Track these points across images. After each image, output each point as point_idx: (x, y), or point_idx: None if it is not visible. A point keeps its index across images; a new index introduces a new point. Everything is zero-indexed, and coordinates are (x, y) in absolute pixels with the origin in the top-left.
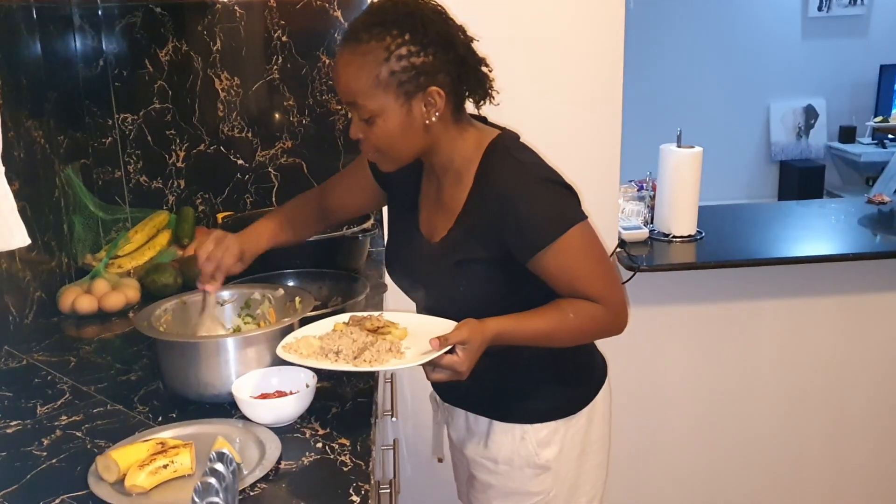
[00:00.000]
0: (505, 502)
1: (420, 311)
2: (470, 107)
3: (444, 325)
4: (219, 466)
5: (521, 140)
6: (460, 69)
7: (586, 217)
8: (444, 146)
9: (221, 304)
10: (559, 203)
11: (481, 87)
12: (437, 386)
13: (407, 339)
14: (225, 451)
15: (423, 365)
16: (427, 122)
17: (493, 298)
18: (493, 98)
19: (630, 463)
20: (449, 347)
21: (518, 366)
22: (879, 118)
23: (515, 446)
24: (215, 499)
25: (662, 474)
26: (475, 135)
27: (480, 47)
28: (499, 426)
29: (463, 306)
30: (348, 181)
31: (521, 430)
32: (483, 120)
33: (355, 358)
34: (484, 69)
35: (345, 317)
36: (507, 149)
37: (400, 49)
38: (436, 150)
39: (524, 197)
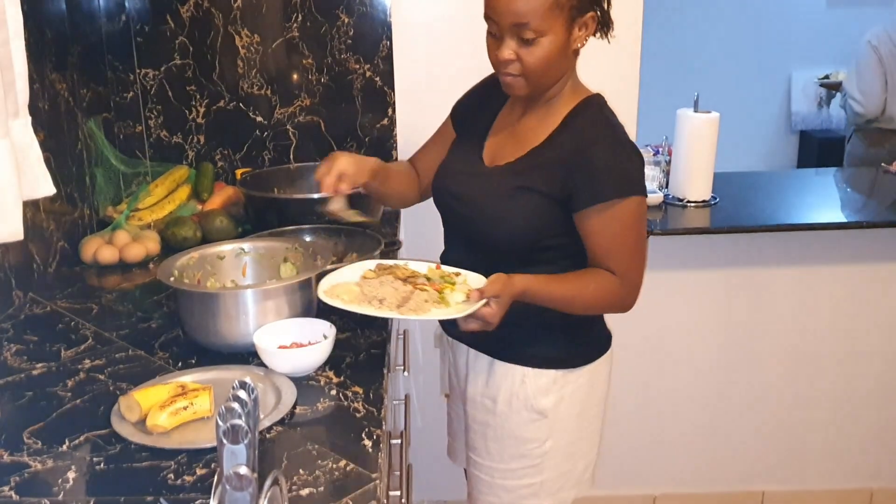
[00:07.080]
0: (501, 445)
1: (453, 236)
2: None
3: (471, 277)
4: (241, 393)
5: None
6: None
7: (647, 194)
8: (563, 79)
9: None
10: (633, 169)
11: (607, 20)
12: (444, 323)
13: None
14: (247, 380)
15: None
16: (578, 46)
17: (537, 234)
18: (614, 33)
19: (637, 426)
20: (486, 300)
21: (525, 310)
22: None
23: (515, 388)
24: (239, 421)
25: (670, 438)
26: (577, 81)
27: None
28: (500, 366)
29: (506, 234)
30: (435, 141)
31: (521, 372)
32: None
33: (399, 307)
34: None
35: (370, 264)
36: (601, 107)
37: None
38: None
39: (606, 149)
